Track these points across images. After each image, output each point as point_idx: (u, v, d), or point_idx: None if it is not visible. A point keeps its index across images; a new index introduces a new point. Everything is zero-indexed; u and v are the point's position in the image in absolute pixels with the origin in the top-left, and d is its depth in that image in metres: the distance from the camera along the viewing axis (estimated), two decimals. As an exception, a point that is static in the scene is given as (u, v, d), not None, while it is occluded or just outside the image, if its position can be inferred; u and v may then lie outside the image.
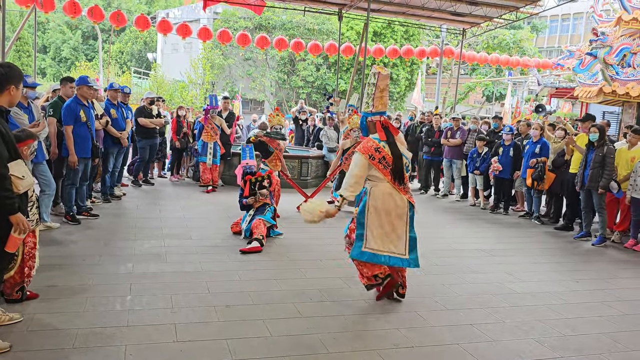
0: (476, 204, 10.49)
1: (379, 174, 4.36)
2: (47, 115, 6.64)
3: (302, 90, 29.09)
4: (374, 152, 4.35)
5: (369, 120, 4.47)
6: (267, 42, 16.49)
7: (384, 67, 4.46)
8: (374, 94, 4.42)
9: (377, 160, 4.34)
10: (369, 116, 4.48)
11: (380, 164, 4.34)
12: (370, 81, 4.43)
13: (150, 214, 7.83)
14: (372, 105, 4.44)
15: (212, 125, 10.13)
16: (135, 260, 5.48)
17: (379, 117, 4.47)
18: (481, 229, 8.35)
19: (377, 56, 18.42)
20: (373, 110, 4.46)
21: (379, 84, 4.41)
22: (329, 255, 6.08)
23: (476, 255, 6.62)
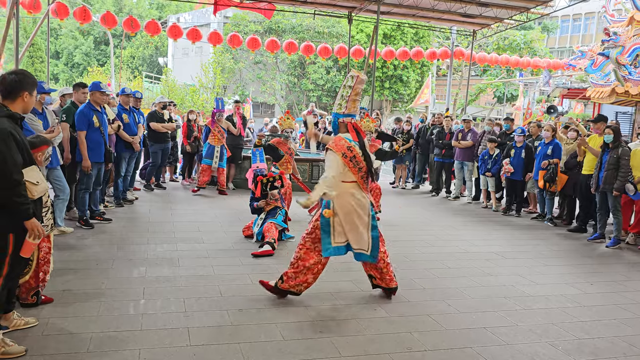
0: (488, 206, 10.44)
1: (347, 173, 4.46)
2: (60, 121, 6.70)
3: (313, 94, 29.13)
4: (346, 151, 4.46)
5: (340, 120, 4.58)
6: (277, 46, 16.54)
7: (362, 72, 4.57)
8: (349, 96, 4.51)
9: (349, 159, 4.45)
10: (340, 117, 4.58)
11: (351, 163, 4.45)
12: (347, 84, 4.52)
13: (162, 218, 7.88)
14: (346, 107, 4.54)
15: (219, 128, 10.20)
16: (148, 264, 5.52)
17: (350, 119, 4.58)
18: (493, 231, 8.31)
19: (388, 58, 18.40)
20: (346, 111, 4.56)
21: (356, 87, 4.50)
22: (340, 258, 6.08)
23: (488, 257, 6.59)
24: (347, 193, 4.48)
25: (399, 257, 6.31)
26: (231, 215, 8.32)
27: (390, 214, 9.13)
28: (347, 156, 4.45)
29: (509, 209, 9.86)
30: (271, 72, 29.95)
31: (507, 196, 9.96)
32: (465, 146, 10.83)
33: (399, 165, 12.79)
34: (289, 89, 30.67)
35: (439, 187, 11.87)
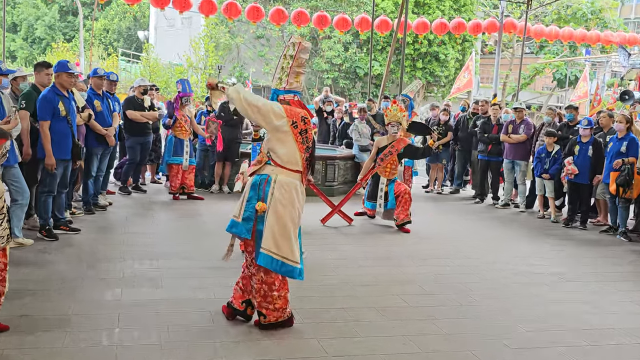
0: (545, 216, 10.38)
1: (292, 150, 4.40)
2: (18, 109, 6.75)
3: (327, 75, 29.16)
4: (299, 121, 4.43)
5: (280, 98, 4.56)
6: (284, 17, 16.61)
7: (304, 39, 4.56)
8: (290, 68, 4.51)
9: (299, 131, 4.42)
10: (280, 94, 4.56)
11: (301, 137, 4.43)
12: (288, 53, 4.51)
13: (142, 228, 7.94)
14: (286, 81, 4.54)
15: (185, 117, 10.15)
16: (125, 284, 5.55)
17: (292, 97, 4.56)
18: (552, 247, 8.27)
19: (421, 32, 18.39)
20: (287, 87, 4.55)
21: (298, 56, 4.50)
22: (358, 279, 6.08)
23: (546, 280, 6.55)
24: (291, 185, 4.43)
25: (432, 279, 6.30)
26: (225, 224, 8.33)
27: (420, 225, 9.11)
28: (299, 127, 4.42)
29: (571, 220, 9.80)
30: (276, 49, 30.04)
31: (570, 204, 9.89)
32: (517, 141, 10.78)
33: (434, 164, 12.78)
34: (298, 70, 30.66)
35: (484, 192, 11.83)
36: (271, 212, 4.37)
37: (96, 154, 8.51)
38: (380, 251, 7.45)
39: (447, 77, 29.51)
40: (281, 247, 4.38)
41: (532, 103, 35.26)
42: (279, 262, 4.38)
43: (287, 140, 4.41)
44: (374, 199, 8.94)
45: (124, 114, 9.94)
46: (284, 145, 4.41)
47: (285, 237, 4.39)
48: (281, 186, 4.39)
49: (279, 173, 4.43)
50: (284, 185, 4.40)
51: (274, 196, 4.37)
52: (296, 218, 4.47)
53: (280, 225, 4.38)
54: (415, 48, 28.32)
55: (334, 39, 28.68)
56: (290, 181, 4.43)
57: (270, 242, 4.36)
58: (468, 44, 29.46)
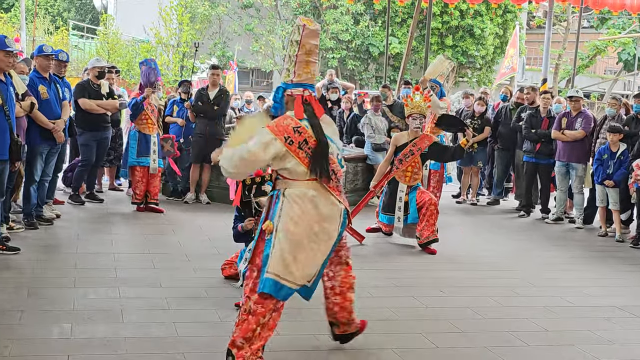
0: (608, 233, 10.36)
1: (298, 167, 4.51)
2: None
3: (332, 55, 29.22)
4: (293, 134, 4.50)
5: (288, 93, 4.68)
6: (278, -19, 16.64)
7: (311, 20, 4.62)
8: (297, 56, 4.59)
9: (297, 145, 4.49)
10: (289, 88, 4.68)
11: (302, 151, 4.50)
12: (293, 38, 4.60)
13: (97, 248, 7.92)
14: (294, 72, 4.63)
15: (152, 106, 10.15)
16: (75, 318, 5.52)
17: (302, 91, 4.65)
18: (617, 273, 8.25)
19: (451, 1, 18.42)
20: (295, 79, 4.64)
21: (305, 42, 4.56)
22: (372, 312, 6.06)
23: (608, 314, 6.54)
24: (304, 197, 4.52)
25: (465, 312, 6.29)
26: (204, 243, 8.34)
27: (450, 245, 9.11)
28: (295, 142, 4.49)
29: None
30: (268, 21, 30.10)
31: (639, 219, 9.86)
32: (573, 138, 10.77)
33: (467, 168, 12.74)
34: (296, 48, 30.70)
35: (531, 202, 11.81)
36: (281, 230, 4.48)
37: (40, 153, 8.50)
38: (400, 277, 7.43)
39: (483, 57, 29.54)
40: (290, 273, 4.48)
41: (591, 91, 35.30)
42: (287, 288, 4.50)
43: (287, 160, 4.51)
44: (391, 211, 8.92)
45: (76, 103, 9.95)
46: (287, 164, 4.53)
47: (299, 260, 4.50)
48: (292, 199, 4.51)
49: (288, 186, 4.56)
50: (295, 198, 4.51)
51: (284, 212, 4.51)
52: (318, 238, 4.55)
53: (292, 247, 4.47)
54: (444, 21, 28.39)
55: (342, 9, 28.74)
56: (302, 192, 4.52)
57: (279, 266, 4.46)
58: (510, 16, 29.50)
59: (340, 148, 4.73)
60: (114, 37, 26.75)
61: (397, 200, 8.81)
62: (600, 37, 32.55)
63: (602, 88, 37.35)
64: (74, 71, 21.42)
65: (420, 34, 26.08)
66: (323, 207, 4.55)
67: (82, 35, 32.88)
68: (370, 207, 10.06)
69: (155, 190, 10.23)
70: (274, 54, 29.90)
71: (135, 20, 30.72)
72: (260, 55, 29.54)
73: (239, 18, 29.81)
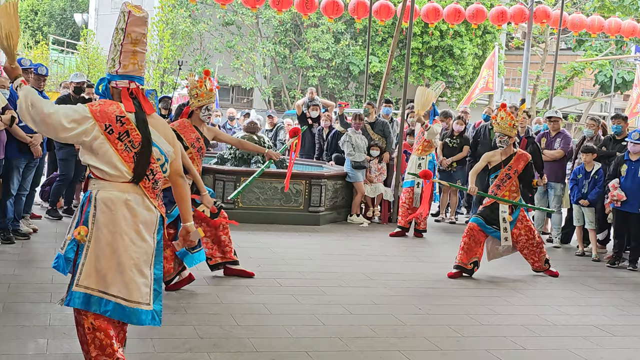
0: (585, 252, 10.42)
1: (115, 161, 4.23)
2: None
3: (313, 73, 29.31)
4: (115, 123, 4.23)
5: (112, 85, 4.40)
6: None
7: (139, 7, 4.39)
8: (122, 45, 4.34)
9: (117, 136, 4.23)
10: (114, 79, 4.40)
11: (121, 142, 4.23)
12: (119, 26, 4.35)
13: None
14: (120, 63, 4.37)
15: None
16: (52, 334, 5.48)
17: (128, 83, 4.39)
18: (594, 292, 8.29)
19: (431, 21, 18.54)
20: (120, 70, 4.38)
21: (131, 30, 4.33)
22: (340, 327, 6.05)
23: (586, 333, 6.56)
24: (118, 202, 4.23)
25: (443, 331, 6.30)
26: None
27: (427, 262, 9.15)
28: (115, 131, 4.22)
29: (618, 259, 9.84)
30: (249, 39, 30.17)
31: (616, 238, 9.94)
32: (551, 158, 10.86)
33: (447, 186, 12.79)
34: (277, 66, 30.80)
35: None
36: (94, 239, 4.21)
37: (18, 167, 8.45)
38: (378, 295, 7.43)
39: (463, 77, 29.77)
40: (110, 284, 4.19)
41: (569, 112, 35.63)
42: (108, 302, 4.18)
43: (101, 150, 4.23)
44: (493, 224, 8.52)
45: (55, 118, 9.88)
46: (99, 158, 4.25)
47: (117, 270, 4.20)
48: (104, 204, 4.22)
49: (101, 188, 4.26)
50: (108, 203, 4.22)
51: (97, 218, 4.22)
52: (136, 245, 4.28)
53: (107, 256, 4.20)
54: (424, 41, 28.59)
55: (322, 28, 28.89)
56: (116, 196, 4.23)
57: (94, 277, 4.18)
58: (490, 37, 29.78)
59: (168, 152, 4.40)
60: (94, 52, 26.69)
61: (501, 221, 8.45)
62: (578, 59, 32.88)
63: (580, 109, 37.74)
64: (53, 86, 21.30)
65: (400, 53, 26.26)
66: (139, 212, 4.28)
67: (62, 49, 32.74)
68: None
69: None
70: (254, 71, 29.93)
71: (116, 35, 30.64)
72: (241, 72, 29.57)
73: (220, 35, 29.85)
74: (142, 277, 4.27)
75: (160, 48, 26.81)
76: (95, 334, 4.23)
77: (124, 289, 4.20)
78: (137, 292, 4.23)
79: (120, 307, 4.18)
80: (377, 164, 12.04)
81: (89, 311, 4.18)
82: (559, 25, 18.23)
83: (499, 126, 8.44)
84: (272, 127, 15.31)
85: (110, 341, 4.24)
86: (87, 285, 4.17)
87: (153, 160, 4.32)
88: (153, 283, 4.34)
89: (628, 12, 29.06)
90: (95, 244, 4.19)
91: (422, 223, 11.05)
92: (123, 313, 4.19)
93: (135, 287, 4.23)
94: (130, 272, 4.22)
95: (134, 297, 4.22)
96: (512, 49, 36.87)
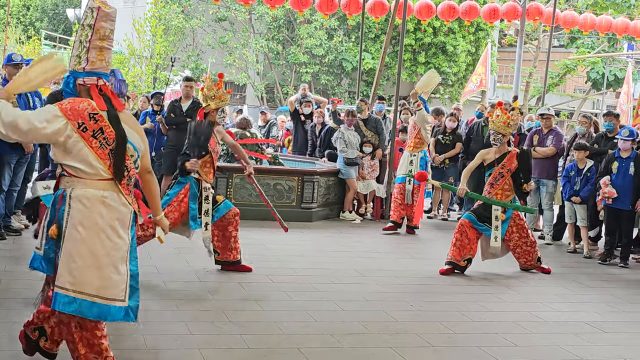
0: (577, 249, 10.45)
1: (91, 159, 4.18)
2: None
3: (306, 69, 29.28)
4: (88, 121, 4.18)
5: (79, 83, 4.35)
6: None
7: (106, 2, 4.35)
8: (90, 42, 4.31)
9: (92, 133, 4.17)
10: (80, 76, 4.35)
11: (96, 140, 4.18)
12: (86, 22, 4.33)
13: (66, 259, 7.84)
14: (87, 59, 4.33)
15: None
16: (43, 331, 5.46)
17: (96, 80, 4.35)
18: (585, 289, 8.30)
19: (424, 17, 18.55)
20: (88, 67, 4.33)
21: (99, 26, 4.31)
22: (332, 324, 6.05)
23: (577, 330, 6.57)
24: (94, 199, 4.19)
25: (434, 328, 6.30)
26: (173, 256, 8.29)
27: (419, 258, 9.17)
28: (89, 128, 4.17)
29: (609, 256, 9.87)
30: (242, 35, 30.11)
31: (608, 235, 9.97)
32: (543, 155, 10.87)
33: (439, 183, 12.80)
34: (270, 62, 30.77)
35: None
36: (68, 238, 4.17)
37: (9, 162, 8.43)
38: (370, 292, 7.43)
39: (456, 74, 29.79)
40: (85, 283, 4.15)
41: (561, 109, 35.70)
42: (84, 302, 4.14)
43: (76, 149, 4.18)
44: (485, 222, 8.49)
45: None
46: (73, 157, 4.19)
47: (94, 267, 4.17)
48: (79, 201, 4.18)
49: (75, 186, 4.21)
50: (83, 200, 4.18)
51: (71, 216, 4.17)
52: (112, 242, 4.23)
53: (83, 254, 4.16)
54: (417, 37, 28.59)
55: (316, 24, 28.84)
56: (92, 193, 4.19)
57: (67, 277, 4.15)
58: (482, 34, 29.79)
59: (140, 147, 4.40)
60: (86, 48, 26.55)
61: (494, 219, 8.45)
62: (570, 56, 32.94)
63: (572, 106, 37.83)
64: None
65: (393, 50, 26.23)
66: (115, 209, 4.26)
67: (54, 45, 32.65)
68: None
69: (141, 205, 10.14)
70: (247, 67, 29.89)
71: (109, 31, 30.52)
72: (233, 69, 29.52)
73: (213, 31, 29.79)
74: (118, 274, 4.24)
75: (152, 44, 26.75)
76: (82, 333, 4.22)
77: (100, 287, 4.17)
78: (112, 289, 4.21)
79: (94, 305, 4.15)
80: (370, 161, 12.04)
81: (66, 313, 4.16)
82: (552, 22, 18.28)
83: (493, 124, 8.43)
84: (265, 123, 15.30)
85: (99, 340, 4.24)
86: (63, 285, 4.14)
87: (127, 156, 4.30)
88: (130, 279, 4.31)
89: (620, 9, 29.12)
90: (69, 243, 4.16)
91: (414, 219, 11.04)
92: (96, 311, 4.16)
93: (111, 284, 4.20)
94: (106, 269, 4.19)
95: (109, 295, 4.20)
96: (505, 46, 36.95)
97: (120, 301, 4.23)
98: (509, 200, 8.52)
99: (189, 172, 7.24)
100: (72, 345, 4.27)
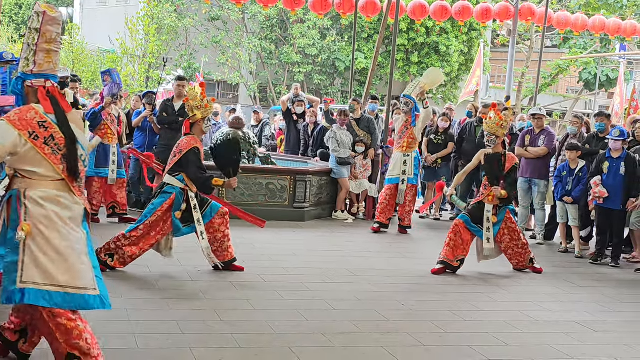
0: (569, 249, 10.47)
1: (43, 164, 4.32)
2: None
3: (299, 69, 29.27)
4: (38, 129, 4.31)
5: (28, 84, 4.47)
6: (246, -6, 16.62)
7: (52, 6, 4.48)
8: (37, 45, 4.43)
9: (43, 140, 4.31)
10: (29, 78, 4.47)
11: (48, 146, 4.32)
12: (32, 26, 4.45)
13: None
14: (34, 62, 4.45)
15: (111, 117, 10.02)
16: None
17: (44, 82, 4.48)
18: (576, 289, 8.33)
19: (417, 17, 18.56)
20: (35, 69, 4.46)
21: (45, 30, 4.43)
22: (324, 323, 6.05)
23: (568, 329, 6.59)
24: (49, 199, 4.31)
25: (426, 327, 6.32)
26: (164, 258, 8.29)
27: (411, 258, 9.18)
28: (40, 137, 4.29)
29: (601, 255, 9.90)
30: (235, 34, 30.09)
31: (599, 235, 9.99)
32: (535, 155, 10.87)
33: (431, 183, 12.77)
34: (263, 61, 30.74)
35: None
36: (30, 237, 4.24)
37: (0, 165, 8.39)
38: (361, 291, 7.44)
39: (448, 74, 29.79)
40: (55, 275, 4.24)
41: (553, 109, 35.78)
42: (57, 294, 4.23)
43: (29, 156, 4.30)
44: (478, 223, 8.53)
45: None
46: (27, 163, 4.31)
47: (61, 260, 4.28)
48: (35, 201, 4.28)
49: (29, 187, 4.32)
50: (39, 200, 4.29)
51: (29, 215, 4.26)
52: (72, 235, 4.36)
53: (47, 249, 4.25)
54: (410, 37, 28.61)
55: (309, 24, 28.84)
56: (46, 193, 4.31)
57: (35, 271, 4.22)
58: (475, 34, 29.82)
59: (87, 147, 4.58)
60: (79, 47, 26.52)
61: (485, 221, 8.46)
62: (563, 56, 33.01)
63: (564, 107, 37.91)
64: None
65: (386, 49, 26.23)
66: (69, 207, 4.39)
67: (46, 44, 32.53)
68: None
69: (123, 201, 10.11)
70: (240, 67, 29.86)
71: (101, 30, 30.55)
72: (226, 68, 29.49)
73: (206, 30, 29.76)
74: (84, 264, 4.37)
75: (145, 43, 26.69)
76: (57, 320, 4.25)
77: (70, 277, 4.27)
78: (82, 279, 4.31)
79: (68, 296, 4.24)
80: (362, 160, 12.04)
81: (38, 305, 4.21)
82: (544, 22, 18.33)
83: (487, 125, 8.44)
84: (258, 122, 15.29)
85: (74, 323, 4.27)
86: (33, 280, 4.20)
87: (77, 158, 4.42)
88: (93, 270, 4.43)
89: (612, 10, 29.20)
90: (32, 240, 4.23)
91: (407, 219, 11.07)
92: (72, 300, 4.25)
93: (80, 274, 4.31)
94: (72, 259, 4.30)
95: (80, 284, 4.29)
96: (498, 46, 37.00)
97: (93, 290, 4.34)
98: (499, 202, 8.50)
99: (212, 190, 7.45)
100: (51, 337, 4.31)
